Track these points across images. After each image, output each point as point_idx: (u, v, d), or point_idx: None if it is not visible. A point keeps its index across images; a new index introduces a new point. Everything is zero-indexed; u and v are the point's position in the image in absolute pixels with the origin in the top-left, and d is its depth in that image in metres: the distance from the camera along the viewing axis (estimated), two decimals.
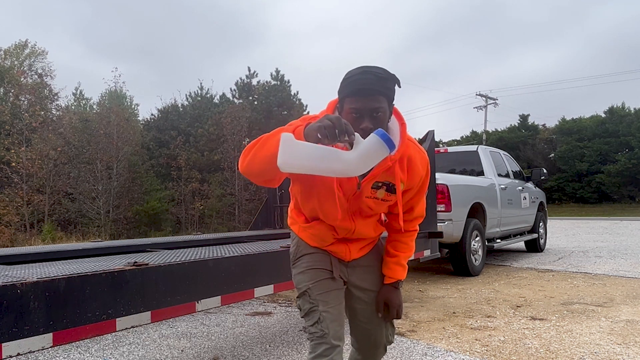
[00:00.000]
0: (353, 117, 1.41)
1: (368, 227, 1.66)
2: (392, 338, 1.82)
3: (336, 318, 1.59)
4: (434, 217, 4.84)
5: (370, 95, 1.38)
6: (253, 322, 3.97)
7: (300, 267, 1.70)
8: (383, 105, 1.41)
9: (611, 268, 6.53)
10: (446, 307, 4.33)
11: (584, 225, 16.93)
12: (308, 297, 1.61)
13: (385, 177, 1.52)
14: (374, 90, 1.39)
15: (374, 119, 1.40)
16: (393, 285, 1.71)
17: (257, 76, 21.02)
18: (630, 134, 30.62)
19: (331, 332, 1.55)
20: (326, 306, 1.58)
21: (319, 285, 1.62)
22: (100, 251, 3.22)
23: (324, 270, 1.65)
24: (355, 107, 1.40)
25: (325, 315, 1.56)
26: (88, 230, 14.46)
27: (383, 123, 1.43)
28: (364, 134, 1.34)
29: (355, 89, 1.40)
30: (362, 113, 1.40)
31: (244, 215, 15.98)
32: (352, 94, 1.40)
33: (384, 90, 1.40)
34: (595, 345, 3.15)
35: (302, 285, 1.65)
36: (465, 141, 39.33)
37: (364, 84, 1.39)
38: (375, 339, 1.76)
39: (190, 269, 2.28)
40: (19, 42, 24.58)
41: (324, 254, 1.69)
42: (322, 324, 1.55)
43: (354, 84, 1.40)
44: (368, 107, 1.39)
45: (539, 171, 8.41)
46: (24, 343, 1.66)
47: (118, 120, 15.78)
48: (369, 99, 1.39)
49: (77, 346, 3.31)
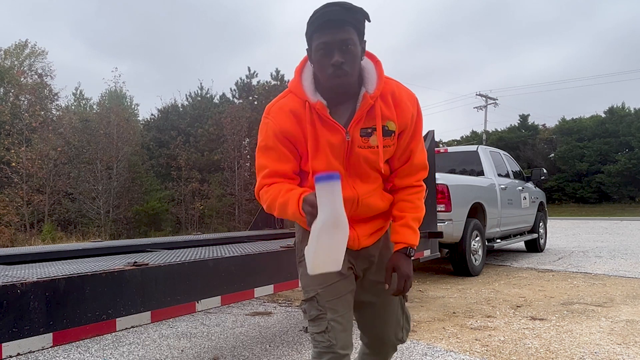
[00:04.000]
0: (322, 53, 1.34)
1: (373, 196, 1.52)
2: (405, 336, 1.72)
3: (345, 327, 1.50)
4: (434, 217, 4.84)
5: (337, 26, 1.31)
6: (253, 322, 3.97)
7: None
8: (352, 37, 1.33)
9: (611, 268, 6.53)
10: (446, 307, 4.33)
11: (584, 225, 16.93)
12: (316, 302, 1.50)
13: (371, 121, 1.43)
14: (341, 21, 1.31)
15: (344, 53, 1.32)
16: (403, 252, 1.53)
17: (257, 76, 21.08)
18: (630, 134, 30.63)
19: (339, 343, 1.46)
20: (335, 314, 1.48)
21: (328, 291, 1.50)
22: (100, 251, 3.22)
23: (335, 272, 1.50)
24: (324, 41, 1.32)
25: (333, 325, 1.47)
26: (88, 230, 14.47)
27: (355, 58, 1.35)
28: (334, 70, 1.32)
29: (322, 21, 1.32)
30: (332, 46, 1.32)
31: (244, 215, 15.99)
32: (318, 28, 1.33)
33: (352, 21, 1.33)
34: (595, 345, 3.15)
35: (310, 289, 1.53)
36: (465, 141, 39.33)
37: (330, 15, 1.31)
38: (383, 335, 1.67)
39: (190, 269, 2.28)
40: (19, 42, 24.63)
41: None
42: (329, 333, 1.46)
43: (320, 18, 1.32)
44: (337, 38, 1.31)
45: (539, 171, 8.40)
46: (24, 343, 1.66)
47: (118, 120, 15.80)
48: (337, 31, 1.31)
49: (77, 346, 3.31)
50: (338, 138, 1.43)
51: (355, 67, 1.38)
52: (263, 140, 1.50)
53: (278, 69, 20.12)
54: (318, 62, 1.37)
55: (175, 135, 18.90)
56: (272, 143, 1.47)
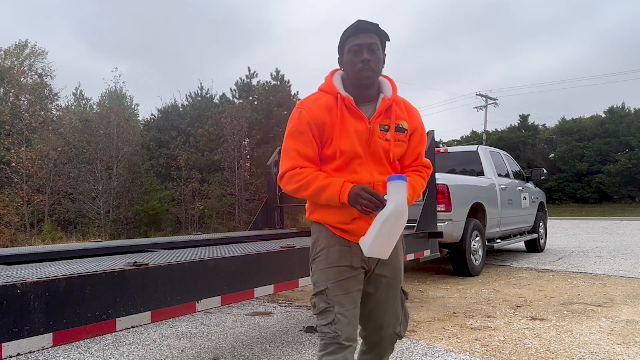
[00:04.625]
0: (353, 52, 1.69)
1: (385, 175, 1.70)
2: (402, 332, 1.81)
3: (351, 321, 1.65)
4: (434, 217, 4.84)
5: (367, 32, 1.68)
6: (253, 322, 3.97)
7: (321, 263, 1.71)
8: (377, 42, 1.69)
9: (611, 268, 6.53)
10: (446, 307, 4.33)
11: (584, 225, 16.93)
12: (325, 296, 1.65)
13: (388, 119, 1.74)
14: (369, 30, 1.69)
15: (371, 53, 1.68)
16: None
17: (257, 76, 21.05)
18: (630, 134, 30.62)
19: (344, 335, 1.61)
20: (342, 308, 1.63)
21: (338, 286, 1.66)
22: (100, 251, 3.22)
23: (345, 269, 1.68)
24: (356, 43, 1.68)
25: (340, 318, 1.61)
26: (88, 230, 14.45)
27: (379, 60, 1.71)
28: (363, 65, 1.66)
29: (355, 28, 1.69)
30: (361, 47, 1.67)
31: (244, 215, 15.99)
32: (352, 32, 1.70)
33: (377, 31, 1.70)
34: (595, 345, 3.15)
35: (320, 283, 1.69)
36: (465, 141, 39.32)
37: (361, 25, 1.69)
38: (381, 326, 1.77)
39: (190, 269, 2.28)
40: (19, 42, 24.62)
41: (345, 247, 1.70)
42: (335, 325, 1.61)
43: (354, 26, 1.70)
44: (366, 42, 1.67)
45: (539, 171, 8.40)
46: (24, 343, 1.66)
47: (118, 120, 15.78)
48: (366, 36, 1.68)
49: (77, 346, 3.31)
50: (363, 126, 1.70)
51: (378, 67, 1.71)
52: (294, 126, 1.71)
53: (278, 69, 20.06)
54: (349, 61, 1.70)
55: (175, 135, 18.87)
56: (303, 128, 1.68)
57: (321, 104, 1.70)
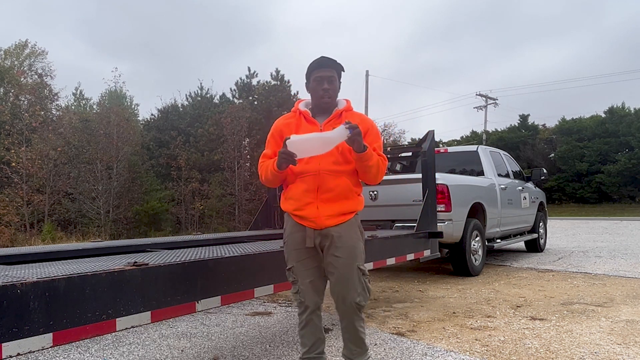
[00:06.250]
0: (317, 82, 2.29)
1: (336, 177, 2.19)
2: (362, 301, 2.22)
3: (313, 289, 2.27)
4: (434, 217, 4.84)
5: (327, 67, 2.29)
6: (253, 322, 3.97)
7: (287, 247, 2.31)
8: (334, 75, 2.31)
9: (611, 268, 6.53)
10: (446, 307, 4.33)
11: (584, 225, 16.93)
12: (292, 273, 2.31)
13: (338, 123, 2.21)
14: (329, 65, 2.29)
15: (330, 83, 2.28)
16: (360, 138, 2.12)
17: (257, 76, 21.04)
18: (630, 134, 30.61)
19: (307, 300, 2.27)
20: (304, 280, 2.27)
21: (300, 264, 2.27)
22: (100, 251, 3.22)
23: (304, 250, 2.24)
24: (318, 75, 2.29)
25: (302, 288, 2.27)
26: (88, 230, 14.45)
27: (335, 88, 2.32)
28: (324, 92, 2.28)
29: (318, 64, 2.29)
30: (323, 79, 2.28)
31: (244, 215, 15.98)
32: (316, 67, 2.30)
33: (335, 66, 2.30)
34: (595, 345, 3.15)
35: (289, 263, 2.32)
36: (465, 141, 39.31)
37: (323, 61, 2.29)
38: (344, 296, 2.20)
39: (190, 269, 2.28)
40: (19, 42, 24.62)
41: (301, 232, 2.23)
42: (300, 294, 2.28)
43: (316, 62, 2.30)
44: (326, 75, 2.29)
45: (539, 171, 8.40)
46: (24, 343, 1.66)
47: (118, 120, 15.76)
48: (327, 70, 2.29)
49: (77, 346, 3.31)
50: (315, 129, 2.28)
51: (335, 93, 2.33)
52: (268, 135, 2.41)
53: (278, 69, 20.06)
54: (313, 89, 2.31)
55: (175, 135, 18.84)
56: (269, 137, 2.40)
57: (286, 117, 2.41)
